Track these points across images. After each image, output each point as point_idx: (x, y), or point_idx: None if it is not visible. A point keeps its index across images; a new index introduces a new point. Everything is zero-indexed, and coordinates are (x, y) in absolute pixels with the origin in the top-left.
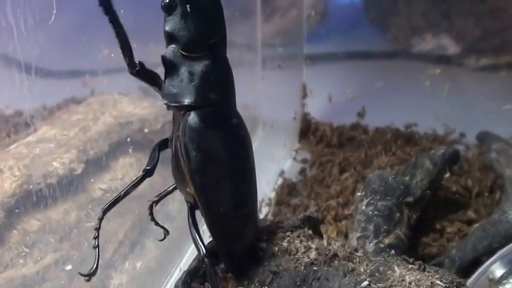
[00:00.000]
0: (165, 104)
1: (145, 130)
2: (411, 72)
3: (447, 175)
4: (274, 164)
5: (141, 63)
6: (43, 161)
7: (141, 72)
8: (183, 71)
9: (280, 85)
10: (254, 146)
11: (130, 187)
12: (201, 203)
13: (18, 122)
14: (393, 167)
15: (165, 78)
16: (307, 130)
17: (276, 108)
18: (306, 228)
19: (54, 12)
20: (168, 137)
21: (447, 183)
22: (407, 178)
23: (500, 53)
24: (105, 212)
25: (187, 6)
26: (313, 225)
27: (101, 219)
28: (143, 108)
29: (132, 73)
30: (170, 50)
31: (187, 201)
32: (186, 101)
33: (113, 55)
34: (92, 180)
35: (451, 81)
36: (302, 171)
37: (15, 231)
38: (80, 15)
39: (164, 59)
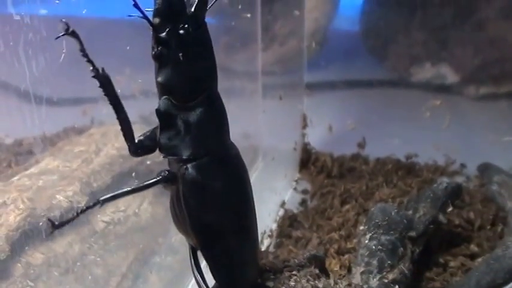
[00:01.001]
0: (163, 157)
1: (148, 162)
2: (411, 102)
3: (450, 209)
4: (275, 195)
5: (140, 142)
6: (47, 194)
7: (143, 150)
8: (179, 123)
9: (281, 115)
10: (254, 176)
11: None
12: (204, 253)
13: (19, 151)
14: (395, 199)
15: (160, 131)
16: (308, 160)
17: (276, 138)
18: (313, 267)
19: (64, 51)
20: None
21: (449, 216)
22: (410, 212)
23: (499, 83)
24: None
25: (180, 55)
26: (320, 263)
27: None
28: None
29: (133, 154)
30: (164, 103)
31: (189, 243)
32: (184, 155)
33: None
34: (95, 212)
35: (451, 111)
36: (303, 202)
37: (19, 265)
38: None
39: (159, 112)
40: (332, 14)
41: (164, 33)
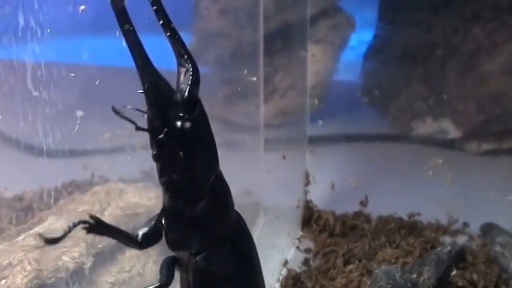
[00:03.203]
0: (171, 251)
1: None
2: (413, 157)
3: (454, 272)
4: (277, 254)
5: (145, 236)
6: (53, 255)
7: (148, 244)
8: (185, 219)
9: (283, 171)
10: (256, 234)
11: None
12: None
13: (19, 207)
14: (398, 260)
15: (167, 227)
16: (310, 218)
17: (278, 196)
18: None
19: (78, 122)
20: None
21: (453, 278)
22: (414, 276)
23: (502, 139)
24: None
25: (180, 153)
26: None
27: None
28: (149, 199)
29: (141, 249)
30: (169, 201)
31: None
32: (193, 249)
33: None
34: (100, 273)
35: (454, 168)
36: (306, 262)
37: None
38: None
39: (165, 211)
40: (333, 67)
41: (162, 135)
